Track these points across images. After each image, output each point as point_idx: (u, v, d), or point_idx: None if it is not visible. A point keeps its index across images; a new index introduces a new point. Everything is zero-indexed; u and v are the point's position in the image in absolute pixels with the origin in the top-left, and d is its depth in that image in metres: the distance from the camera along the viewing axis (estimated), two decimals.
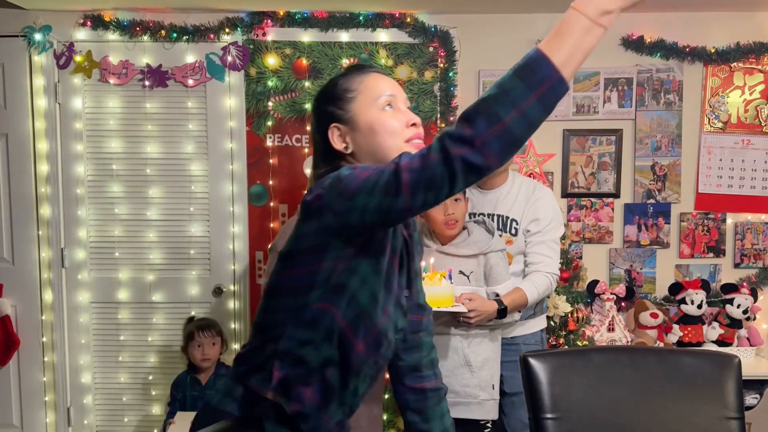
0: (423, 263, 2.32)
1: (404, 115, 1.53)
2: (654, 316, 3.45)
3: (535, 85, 1.20)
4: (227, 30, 3.48)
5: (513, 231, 2.69)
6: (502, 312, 2.51)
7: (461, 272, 2.56)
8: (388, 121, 1.50)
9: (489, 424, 2.57)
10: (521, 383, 2.43)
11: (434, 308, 2.22)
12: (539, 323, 2.77)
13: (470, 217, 2.70)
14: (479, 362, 2.54)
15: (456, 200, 2.51)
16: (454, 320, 2.50)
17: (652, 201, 3.63)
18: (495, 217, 2.72)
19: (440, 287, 2.37)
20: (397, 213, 1.32)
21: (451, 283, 2.43)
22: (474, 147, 1.22)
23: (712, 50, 3.54)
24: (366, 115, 1.51)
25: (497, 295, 2.55)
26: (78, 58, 3.47)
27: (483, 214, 2.72)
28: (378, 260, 1.46)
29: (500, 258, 2.58)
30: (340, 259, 1.41)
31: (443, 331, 2.52)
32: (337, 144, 1.53)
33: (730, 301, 3.49)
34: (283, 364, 1.44)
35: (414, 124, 1.53)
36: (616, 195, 3.63)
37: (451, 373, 2.51)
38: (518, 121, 1.20)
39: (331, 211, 1.37)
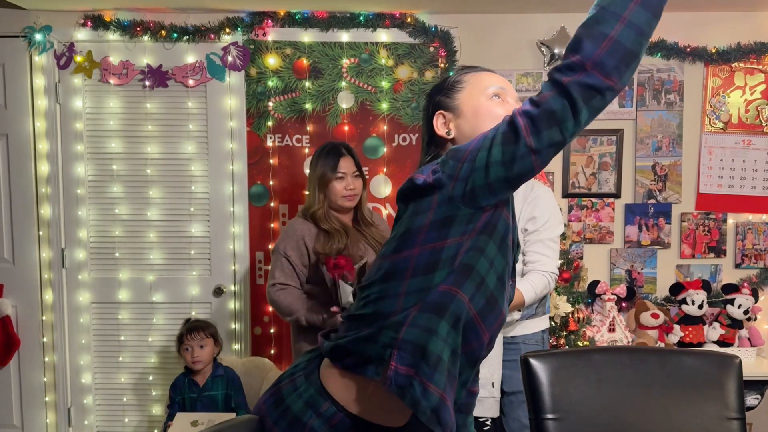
0: None
1: (511, 107, 1.50)
2: (655, 316, 3.45)
3: None
4: (227, 30, 3.48)
5: None
6: None
7: None
8: (494, 108, 1.50)
9: (488, 422, 2.57)
10: (520, 382, 2.45)
11: None
12: (541, 324, 2.76)
13: None
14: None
15: None
16: None
17: (652, 201, 3.63)
18: None
19: None
20: (521, 160, 1.29)
21: None
22: (586, 70, 1.21)
23: (713, 50, 3.54)
24: (472, 102, 1.52)
25: None
26: (78, 59, 3.47)
27: None
28: (503, 240, 1.41)
29: None
30: (466, 235, 1.36)
31: None
32: (440, 130, 1.55)
33: (731, 302, 3.49)
34: (403, 353, 1.33)
35: None
36: (616, 195, 3.63)
37: None
38: (626, 32, 1.19)
39: (453, 178, 1.35)
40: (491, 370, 2.58)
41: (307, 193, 2.78)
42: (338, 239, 2.63)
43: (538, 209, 2.64)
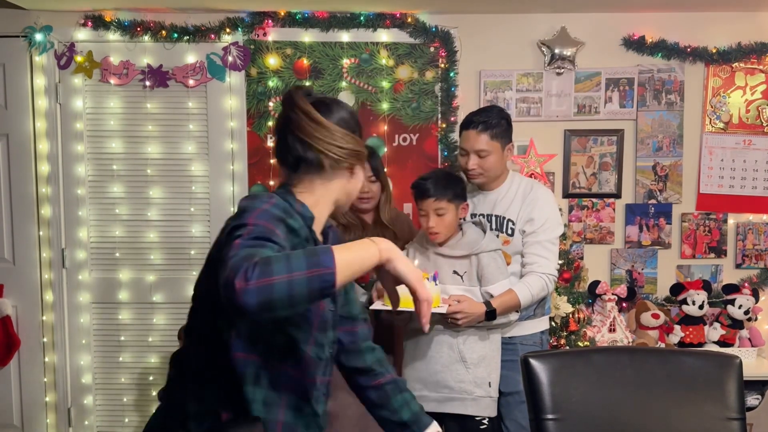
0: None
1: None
2: (655, 316, 3.45)
3: (312, 265, 1.26)
4: (228, 30, 3.48)
5: (509, 231, 2.69)
6: (491, 314, 2.50)
7: (455, 272, 2.57)
8: None
9: (485, 421, 2.56)
10: (517, 383, 2.48)
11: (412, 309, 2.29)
12: (539, 325, 2.75)
13: (471, 218, 2.72)
14: (475, 359, 2.55)
15: (439, 215, 2.53)
16: (444, 321, 2.50)
17: (653, 201, 3.63)
18: (493, 218, 2.73)
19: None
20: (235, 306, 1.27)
21: (437, 284, 2.41)
22: (238, 288, 1.23)
23: (714, 50, 3.54)
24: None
25: (491, 295, 2.55)
26: (79, 59, 3.47)
27: (482, 215, 2.73)
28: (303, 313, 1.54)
29: (492, 258, 2.57)
30: None
31: (438, 327, 2.54)
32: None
33: (732, 302, 3.49)
34: (231, 412, 1.50)
35: None
36: (617, 195, 3.63)
37: (446, 369, 2.53)
38: (282, 286, 1.23)
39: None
40: (488, 370, 2.57)
41: None
42: (354, 232, 2.76)
43: (536, 210, 2.63)
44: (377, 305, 2.44)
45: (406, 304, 2.34)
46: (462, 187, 2.61)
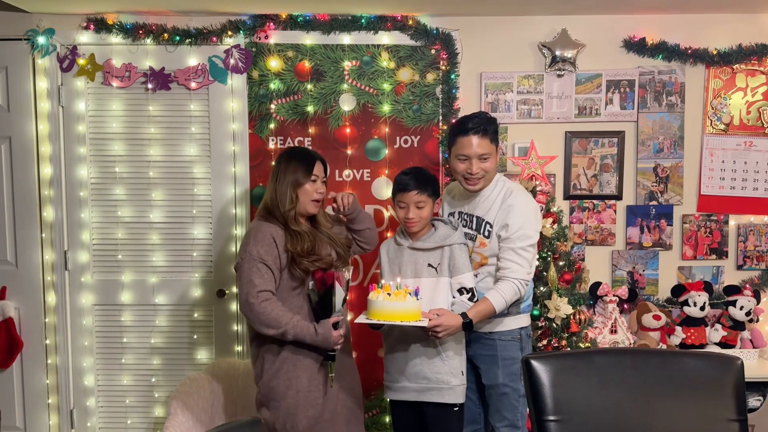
0: (390, 283, 2.62)
1: None
2: (657, 318, 3.45)
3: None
4: (230, 33, 3.49)
5: (486, 233, 2.78)
6: (468, 325, 2.63)
7: (430, 264, 2.75)
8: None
9: (456, 408, 2.75)
10: (496, 376, 2.74)
11: (399, 323, 2.53)
12: (517, 321, 2.81)
13: (454, 216, 2.92)
14: (450, 352, 2.74)
15: (419, 207, 2.74)
16: (425, 333, 2.63)
17: (654, 203, 3.63)
18: (474, 218, 2.83)
19: (405, 302, 2.53)
20: None
21: (418, 299, 2.58)
22: None
23: (714, 52, 3.55)
24: None
25: (462, 285, 2.70)
26: (81, 61, 3.48)
27: (465, 213, 2.86)
28: None
29: (462, 250, 2.76)
30: None
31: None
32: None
33: (733, 303, 3.49)
34: None
35: None
36: (618, 197, 3.63)
37: (424, 362, 2.73)
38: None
39: None
40: (460, 360, 2.76)
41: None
42: (307, 239, 2.64)
43: (510, 217, 2.72)
44: (360, 318, 2.63)
45: (383, 317, 2.55)
46: (438, 185, 2.84)
